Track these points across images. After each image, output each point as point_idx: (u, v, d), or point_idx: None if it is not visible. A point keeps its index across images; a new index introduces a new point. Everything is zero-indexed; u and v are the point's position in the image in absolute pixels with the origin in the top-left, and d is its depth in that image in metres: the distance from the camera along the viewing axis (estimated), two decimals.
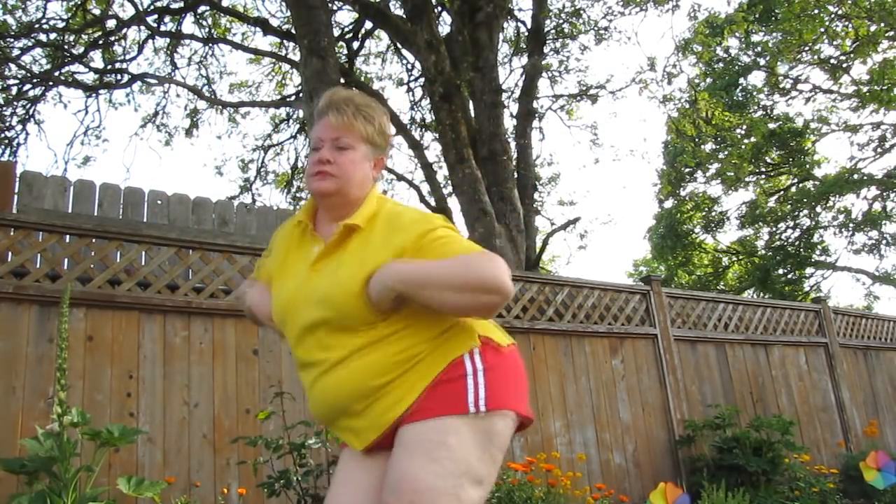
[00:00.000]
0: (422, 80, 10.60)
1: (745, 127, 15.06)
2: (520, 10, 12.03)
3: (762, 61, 16.66)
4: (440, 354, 1.43)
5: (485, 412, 1.38)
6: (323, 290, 1.45)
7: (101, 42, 10.52)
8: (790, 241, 18.94)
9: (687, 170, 18.23)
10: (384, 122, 1.60)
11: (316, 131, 1.57)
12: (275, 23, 10.96)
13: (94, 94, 10.85)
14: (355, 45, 11.65)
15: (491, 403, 1.39)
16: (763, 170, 18.94)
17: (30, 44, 9.78)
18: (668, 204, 19.56)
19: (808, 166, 18.42)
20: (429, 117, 11.44)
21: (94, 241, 3.53)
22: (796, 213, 18.73)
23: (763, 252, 19.56)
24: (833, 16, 11.92)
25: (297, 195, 12.08)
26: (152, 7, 10.25)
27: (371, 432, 1.44)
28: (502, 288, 1.36)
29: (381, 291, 1.38)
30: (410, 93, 12.14)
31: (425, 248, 1.43)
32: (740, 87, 17.67)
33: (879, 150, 17.48)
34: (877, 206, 17.96)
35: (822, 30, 11.94)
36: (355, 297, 1.40)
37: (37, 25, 9.69)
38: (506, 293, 1.37)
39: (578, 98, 11.86)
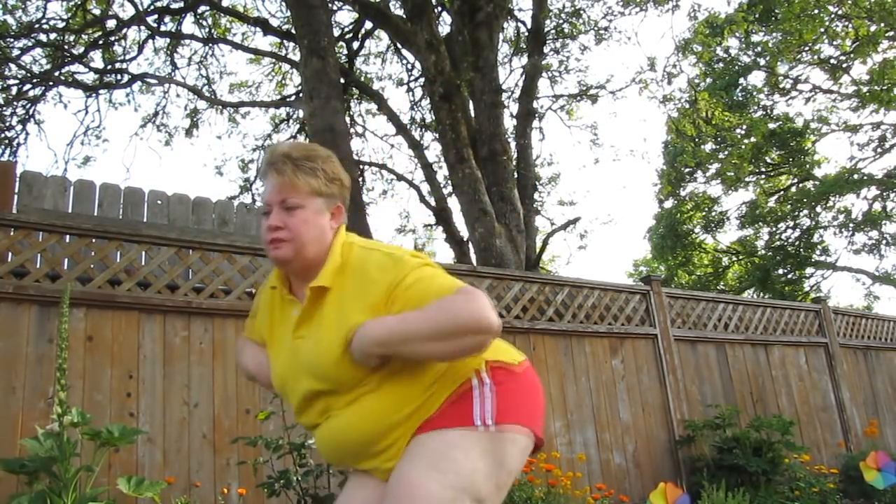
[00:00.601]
0: (422, 80, 10.60)
1: (745, 127, 15.06)
2: (520, 10, 12.04)
3: (762, 61, 16.67)
4: (445, 388, 1.40)
5: (493, 428, 1.34)
6: (309, 362, 1.42)
7: (101, 42, 10.51)
8: (790, 241, 18.95)
9: (687, 170, 18.23)
10: (333, 168, 1.52)
11: (264, 194, 1.50)
12: (275, 23, 10.97)
13: (94, 94, 10.84)
14: (355, 45, 11.66)
15: (500, 418, 1.35)
16: (763, 170, 18.94)
17: (30, 44, 9.77)
18: (668, 204, 19.57)
19: (808, 166, 18.42)
20: (429, 117, 11.43)
21: (94, 241, 3.53)
22: (796, 213, 18.73)
23: (763, 252, 19.56)
24: (833, 16, 11.92)
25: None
26: (152, 7, 10.25)
27: (381, 473, 1.43)
28: (485, 326, 1.30)
29: (361, 358, 1.34)
30: (410, 93, 12.14)
31: (398, 298, 1.37)
32: (740, 87, 17.68)
33: (879, 150, 17.49)
34: (877, 206, 17.97)
35: (822, 30, 11.94)
36: (339, 366, 1.37)
37: (37, 25, 9.69)
38: (490, 330, 1.31)
39: (578, 98, 11.84)
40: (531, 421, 1.42)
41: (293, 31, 8.79)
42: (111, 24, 10.29)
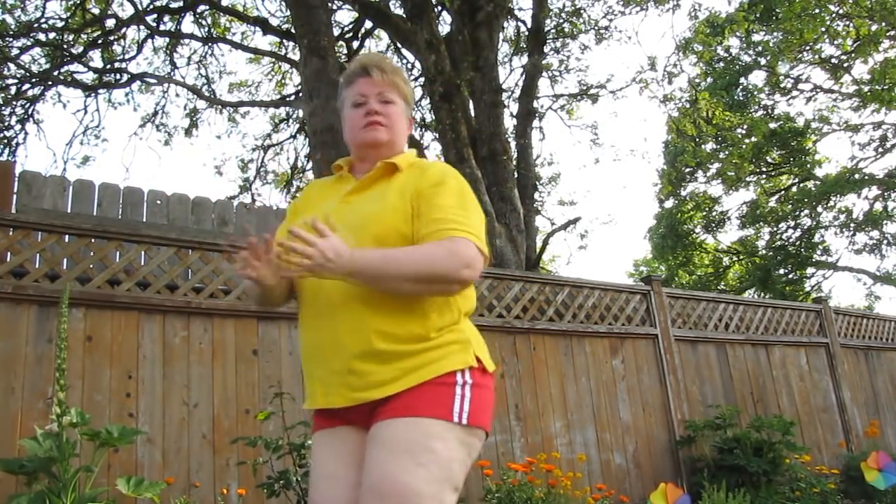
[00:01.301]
0: (422, 79, 10.59)
1: (745, 126, 15.04)
2: (520, 9, 12.00)
3: (763, 61, 16.65)
4: (441, 364, 1.42)
5: (465, 425, 1.38)
6: (355, 219, 1.49)
7: (100, 41, 10.51)
8: (791, 240, 18.93)
9: (687, 169, 18.22)
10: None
11: (357, 88, 1.63)
12: (274, 22, 10.97)
13: (93, 94, 10.84)
14: (355, 44, 11.64)
15: (472, 419, 1.40)
16: (764, 169, 18.93)
17: (29, 43, 9.77)
18: (669, 204, 19.55)
19: (808, 166, 18.41)
20: (429, 117, 11.42)
21: (93, 240, 3.52)
22: (797, 212, 18.72)
23: (764, 252, 19.54)
24: (834, 15, 11.91)
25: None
26: (151, 6, 10.24)
27: (356, 392, 1.41)
28: (457, 279, 1.39)
29: (335, 269, 1.36)
30: None
31: (423, 193, 1.49)
32: (741, 87, 17.66)
33: (880, 149, 17.49)
34: (878, 206, 17.97)
35: (823, 29, 11.93)
36: (391, 228, 1.46)
37: (36, 25, 9.69)
38: (460, 284, 1.41)
39: (579, 98, 11.84)
40: (489, 423, 1.51)
41: (293, 30, 8.78)
42: (110, 23, 10.29)
